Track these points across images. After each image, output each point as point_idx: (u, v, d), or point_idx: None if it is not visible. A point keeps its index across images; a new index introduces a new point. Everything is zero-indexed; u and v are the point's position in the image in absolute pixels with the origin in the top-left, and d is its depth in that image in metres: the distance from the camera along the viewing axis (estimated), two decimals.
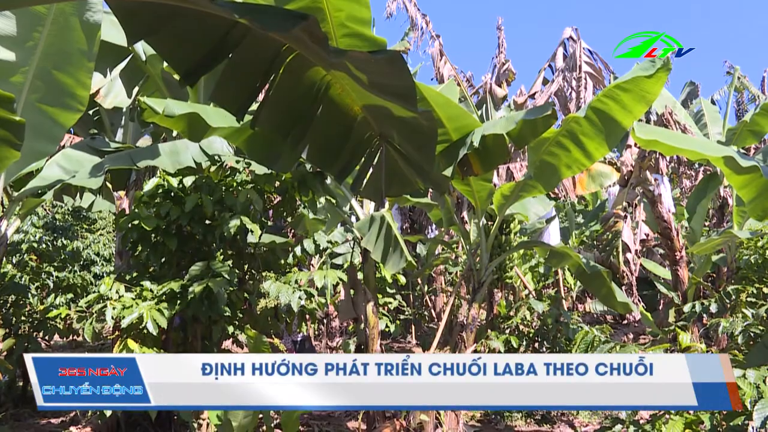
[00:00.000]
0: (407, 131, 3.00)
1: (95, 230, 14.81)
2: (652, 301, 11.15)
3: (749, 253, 9.31)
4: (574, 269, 6.77)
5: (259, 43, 2.54)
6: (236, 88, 2.79)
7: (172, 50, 2.53)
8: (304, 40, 2.27)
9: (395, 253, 5.77)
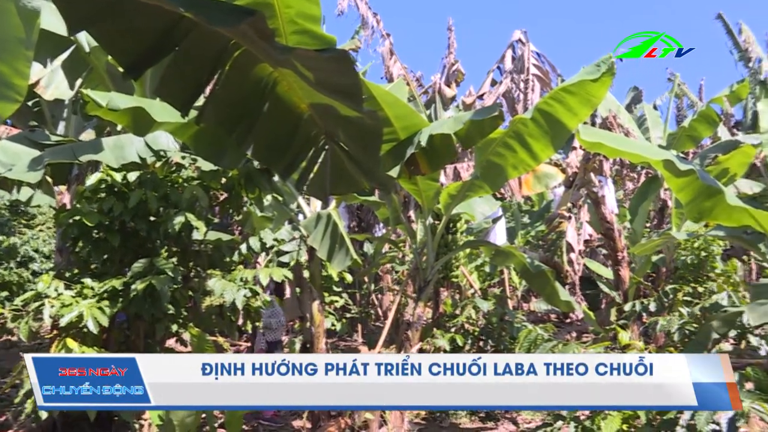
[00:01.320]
0: (352, 130, 3.00)
1: (34, 226, 14.38)
2: (594, 300, 11.38)
3: (686, 253, 9.60)
4: (519, 268, 6.86)
5: (206, 37, 2.51)
6: (181, 82, 2.75)
7: (114, 42, 2.48)
8: (250, 36, 2.25)
9: (341, 251, 5.76)
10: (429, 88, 8.82)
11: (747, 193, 11.46)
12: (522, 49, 8.41)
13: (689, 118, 11.72)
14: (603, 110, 9.32)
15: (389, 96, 5.56)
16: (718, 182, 5.50)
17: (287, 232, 9.29)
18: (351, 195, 6.93)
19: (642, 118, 13.23)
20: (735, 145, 10.13)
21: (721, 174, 9.66)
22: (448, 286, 8.58)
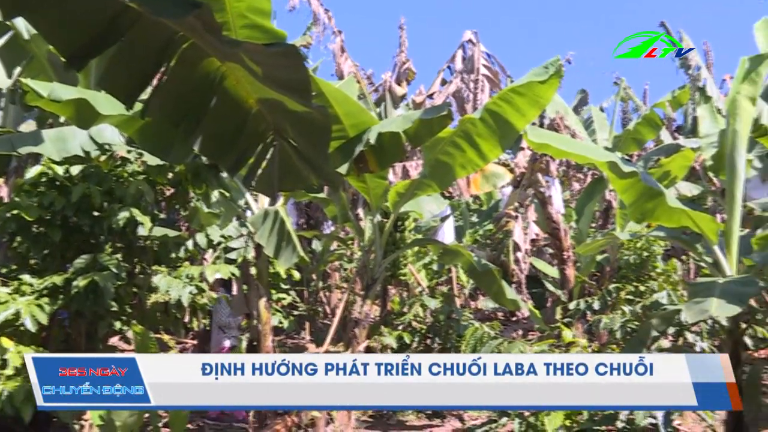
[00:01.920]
0: (301, 126, 2.98)
1: None
2: (540, 299, 11.55)
3: (629, 253, 9.83)
4: (466, 267, 6.93)
5: (151, 29, 2.45)
6: (126, 75, 2.68)
7: (54, 31, 2.40)
8: (197, 28, 2.22)
9: (288, 249, 5.74)
10: (379, 86, 8.84)
11: (687, 195, 11.79)
12: (472, 50, 8.49)
13: (634, 121, 12.00)
14: (551, 111, 9.47)
15: (339, 93, 5.56)
16: (660, 184, 5.65)
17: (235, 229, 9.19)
18: (300, 192, 6.90)
19: (589, 120, 13.49)
20: (676, 148, 10.41)
21: (662, 176, 9.91)
22: (396, 284, 8.61)
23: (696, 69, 10.08)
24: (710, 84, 10.08)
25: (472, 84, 7.84)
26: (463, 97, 7.88)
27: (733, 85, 6.12)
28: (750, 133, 8.06)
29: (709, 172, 10.65)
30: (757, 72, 5.89)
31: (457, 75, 8.08)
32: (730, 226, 5.85)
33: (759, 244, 5.81)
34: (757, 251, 5.86)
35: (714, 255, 5.92)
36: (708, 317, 4.63)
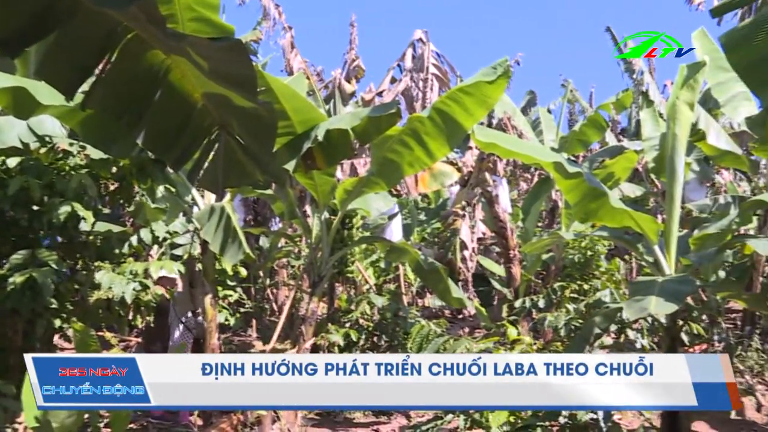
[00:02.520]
0: (247, 121, 2.95)
1: None
2: (487, 297, 11.66)
3: (574, 252, 10.02)
4: (413, 265, 6.96)
5: (93, 17, 2.39)
6: (65, 64, 2.61)
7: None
8: (140, 19, 2.17)
9: (233, 245, 5.68)
10: (329, 83, 8.83)
11: (630, 196, 12.07)
12: (423, 49, 8.54)
13: (580, 122, 12.23)
14: (499, 112, 9.59)
15: (287, 89, 5.53)
16: (604, 185, 5.76)
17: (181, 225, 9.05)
18: (247, 188, 6.84)
19: (536, 121, 13.70)
20: (620, 150, 10.65)
21: (607, 177, 10.13)
22: (343, 282, 8.60)
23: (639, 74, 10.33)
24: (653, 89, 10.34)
25: (422, 83, 7.89)
26: (412, 96, 7.92)
27: (673, 90, 6.29)
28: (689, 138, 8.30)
29: (651, 174, 10.94)
30: (695, 79, 6.06)
31: (407, 73, 8.11)
32: (669, 227, 6.00)
33: (696, 245, 5.98)
34: (694, 251, 6.04)
35: (654, 254, 6.07)
36: (647, 315, 4.75)
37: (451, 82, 8.38)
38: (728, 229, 5.82)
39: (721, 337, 8.44)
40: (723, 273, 9.29)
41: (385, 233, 8.77)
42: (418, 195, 12.02)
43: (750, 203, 5.72)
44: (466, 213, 8.84)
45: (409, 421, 7.16)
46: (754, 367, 8.64)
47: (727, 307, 11.60)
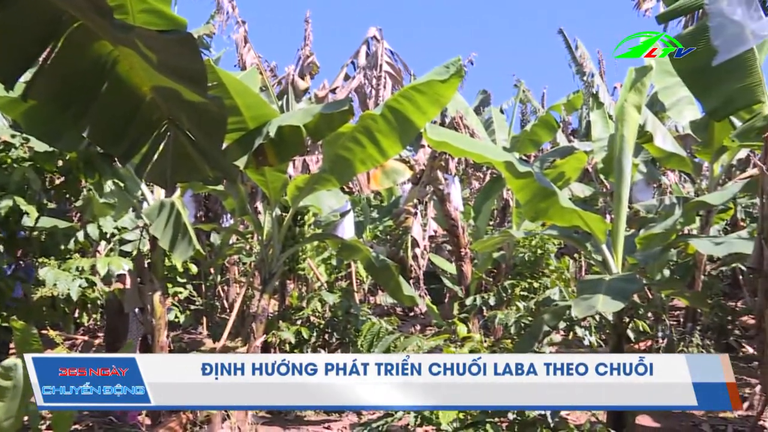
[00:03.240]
0: (196, 116, 2.91)
1: None
2: (438, 295, 11.73)
3: (524, 251, 10.14)
4: (365, 262, 6.96)
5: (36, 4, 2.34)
6: (5, 52, 2.54)
7: None
8: (85, 9, 2.13)
9: (183, 241, 5.61)
10: (282, 79, 8.74)
11: (580, 196, 12.28)
12: (376, 46, 8.54)
13: (532, 123, 12.38)
14: (453, 111, 9.65)
15: (240, 84, 5.48)
16: (554, 185, 5.84)
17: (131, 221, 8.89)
18: (198, 184, 6.75)
19: (489, 121, 13.82)
20: (571, 150, 10.81)
21: (557, 177, 10.28)
22: (294, 279, 8.55)
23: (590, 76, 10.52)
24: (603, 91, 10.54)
25: (375, 80, 7.89)
26: (365, 93, 7.91)
27: (621, 93, 6.41)
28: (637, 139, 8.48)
29: (601, 174, 11.18)
30: (642, 82, 6.18)
31: (361, 71, 8.10)
32: (616, 227, 6.12)
33: (642, 244, 6.11)
34: (640, 250, 6.17)
35: (602, 253, 6.18)
36: (595, 312, 4.84)
37: (405, 80, 8.40)
38: (673, 229, 5.97)
39: (665, 334, 8.65)
40: (667, 271, 9.50)
41: (337, 230, 8.75)
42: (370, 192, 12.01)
43: (693, 204, 5.87)
44: (417, 211, 8.88)
45: (359, 418, 7.16)
46: None
47: (671, 304, 11.90)
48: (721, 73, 5.41)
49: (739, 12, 4.45)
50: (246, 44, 8.67)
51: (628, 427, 5.82)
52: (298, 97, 8.20)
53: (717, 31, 4.58)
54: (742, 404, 7.48)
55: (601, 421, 6.14)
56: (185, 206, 6.78)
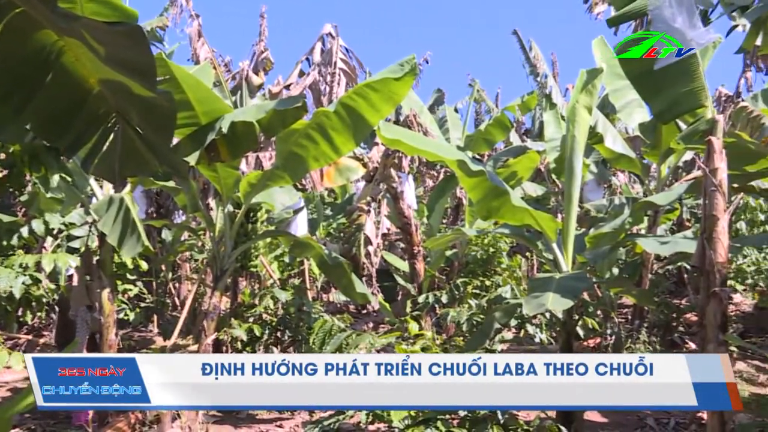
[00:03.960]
0: (145, 110, 2.86)
1: None
2: (391, 292, 11.74)
3: (477, 249, 10.23)
4: (317, 260, 6.94)
5: None
6: None
7: None
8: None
9: (132, 237, 5.51)
10: (236, 74, 8.66)
11: (532, 195, 12.44)
12: (332, 43, 8.50)
13: (485, 122, 12.50)
14: (407, 109, 9.67)
15: (192, 79, 5.40)
16: (506, 184, 5.91)
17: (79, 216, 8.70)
18: (148, 179, 6.64)
19: (443, 120, 13.90)
20: (523, 150, 10.95)
21: (510, 176, 10.40)
22: (246, 276, 8.47)
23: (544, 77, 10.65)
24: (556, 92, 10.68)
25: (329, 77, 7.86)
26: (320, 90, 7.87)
27: (572, 94, 6.51)
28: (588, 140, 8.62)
29: (552, 174, 11.33)
30: (593, 84, 6.29)
31: (315, 67, 8.06)
32: (567, 226, 6.21)
33: (591, 243, 6.22)
34: (590, 249, 6.27)
35: (553, 252, 6.27)
36: (545, 310, 4.91)
37: (360, 77, 8.38)
38: (621, 229, 6.08)
39: (613, 331, 8.82)
40: (616, 270, 9.69)
41: (290, 228, 8.70)
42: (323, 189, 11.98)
43: (640, 204, 5.99)
44: (371, 209, 8.88)
45: (311, 416, 7.14)
46: None
47: (620, 302, 12.14)
48: (668, 78, 5.53)
49: (679, 20, 4.56)
50: (200, 38, 8.55)
51: (576, 422, 5.93)
52: (252, 92, 8.13)
53: None
54: None
55: (551, 417, 6.24)
56: (135, 202, 6.66)
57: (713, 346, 4.21)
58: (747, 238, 7.15)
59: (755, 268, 9.87)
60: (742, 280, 9.97)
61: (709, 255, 4.31)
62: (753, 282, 10.07)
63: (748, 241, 6.73)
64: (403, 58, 5.60)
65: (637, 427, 7.02)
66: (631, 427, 7.02)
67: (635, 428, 7.00)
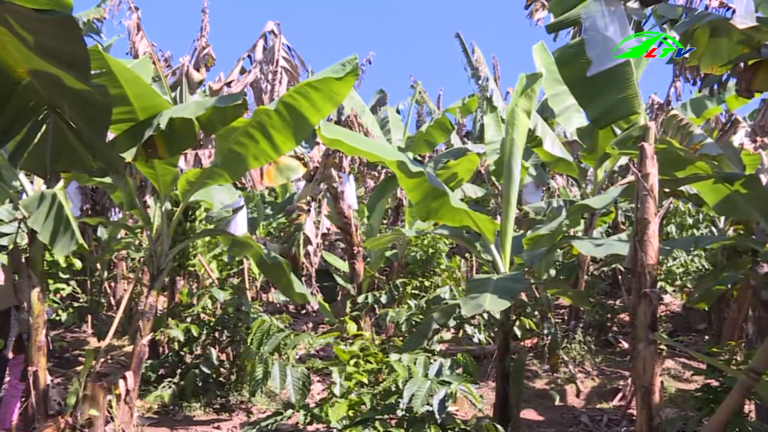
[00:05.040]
0: (79, 104, 2.78)
1: None
2: (331, 292, 11.73)
3: (416, 250, 10.30)
4: (256, 259, 6.88)
5: None
6: None
7: None
8: None
9: (65, 235, 5.34)
10: (177, 69, 8.50)
11: (472, 196, 12.59)
12: (274, 41, 8.42)
13: (427, 124, 12.61)
14: (349, 109, 9.68)
15: (130, 73, 5.28)
16: (445, 185, 5.96)
17: (7, 212, 8.40)
18: (83, 175, 6.47)
19: (385, 120, 13.97)
20: (464, 152, 11.08)
21: (450, 178, 10.51)
22: (184, 275, 8.33)
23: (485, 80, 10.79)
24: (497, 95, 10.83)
25: (271, 75, 7.79)
26: (261, 88, 7.79)
27: (512, 98, 6.61)
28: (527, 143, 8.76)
29: (492, 176, 11.50)
30: (533, 89, 6.41)
31: (257, 65, 7.97)
32: (505, 227, 6.31)
33: (529, 244, 6.33)
34: (527, 251, 6.38)
35: (491, 253, 6.35)
36: (482, 311, 4.97)
37: (302, 77, 8.33)
38: (558, 231, 6.21)
39: (550, 332, 8.99)
40: (553, 271, 9.89)
41: (229, 227, 8.59)
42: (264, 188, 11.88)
43: (576, 207, 6.13)
44: (311, 208, 8.84)
45: (248, 417, 7.07)
46: (577, 357, 9.30)
47: (557, 303, 12.39)
48: (603, 85, 5.68)
49: (611, 29, 4.68)
50: (139, 32, 8.37)
51: (513, 420, 6.03)
52: (192, 89, 7.99)
53: (591, 44, 4.81)
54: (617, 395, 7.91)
55: (488, 416, 6.33)
56: (69, 198, 6.48)
57: (643, 345, 4.34)
58: (676, 241, 7.38)
59: (684, 270, 10.21)
60: (672, 282, 10.30)
61: (640, 257, 4.44)
62: (682, 283, 10.41)
63: (678, 243, 6.93)
64: (345, 58, 5.60)
65: (571, 425, 7.17)
66: (566, 425, 7.17)
67: (570, 425, 7.16)
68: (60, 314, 9.01)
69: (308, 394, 5.06)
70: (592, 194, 9.85)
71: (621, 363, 9.43)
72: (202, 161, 6.54)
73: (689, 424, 4.98)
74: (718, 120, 10.25)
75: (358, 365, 5.12)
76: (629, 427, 6.93)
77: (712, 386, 5.24)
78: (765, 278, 5.59)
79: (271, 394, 7.60)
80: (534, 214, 10.47)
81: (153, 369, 7.30)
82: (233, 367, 7.55)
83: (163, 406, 7.17)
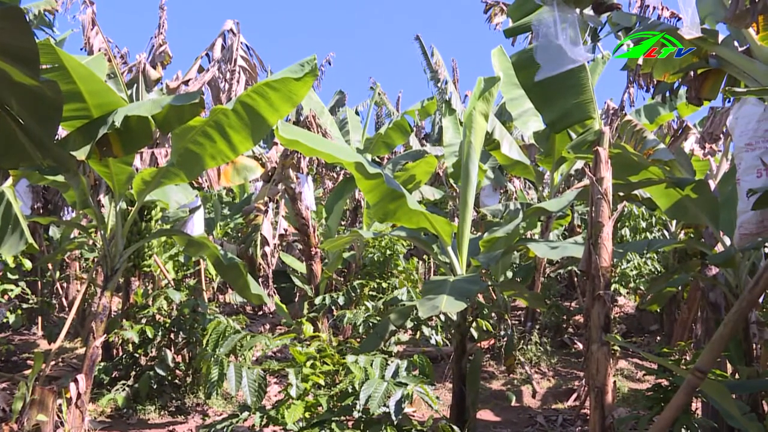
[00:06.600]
0: (27, 100, 2.72)
1: None
2: (288, 294, 11.67)
3: (374, 251, 10.30)
4: (213, 260, 6.81)
5: None
6: None
7: None
8: None
9: (14, 234, 5.22)
10: (133, 66, 8.36)
11: (430, 198, 12.65)
12: (233, 40, 8.34)
13: (386, 125, 12.65)
14: (307, 109, 9.64)
15: (84, 69, 5.18)
16: (403, 187, 5.98)
17: None
18: (34, 173, 6.33)
19: (344, 121, 13.96)
20: (422, 154, 11.13)
21: (408, 179, 10.54)
22: (139, 276, 8.20)
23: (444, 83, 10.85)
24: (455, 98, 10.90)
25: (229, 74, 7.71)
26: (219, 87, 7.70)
27: (470, 101, 6.66)
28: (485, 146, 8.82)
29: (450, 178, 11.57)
30: (491, 92, 6.46)
31: (215, 64, 7.88)
32: (462, 230, 6.35)
33: (485, 246, 6.38)
34: (484, 253, 6.43)
35: (448, 255, 6.39)
36: (439, 312, 4.99)
37: (260, 76, 8.26)
38: (515, 233, 6.26)
39: (506, 333, 9.08)
40: (510, 273, 9.98)
41: (186, 227, 8.48)
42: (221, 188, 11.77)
43: (532, 210, 6.19)
44: (268, 209, 8.78)
45: (204, 420, 6.98)
46: (533, 358, 9.41)
47: (514, 304, 12.54)
48: (559, 89, 5.77)
49: (560, 37, 4.75)
50: (94, 27, 8.20)
51: (469, 421, 6.06)
52: (149, 86, 7.87)
53: (541, 49, 4.88)
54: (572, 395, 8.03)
55: (444, 417, 6.36)
56: (19, 197, 6.34)
57: (597, 346, 4.40)
58: (630, 244, 7.50)
59: (637, 273, 10.40)
60: (626, 284, 10.49)
61: (594, 260, 4.50)
62: (635, 285, 10.61)
63: (631, 246, 7.06)
64: (304, 59, 5.58)
65: (527, 425, 7.25)
66: (522, 425, 7.25)
67: (526, 426, 7.23)
68: (8, 316, 8.78)
69: (264, 396, 5.00)
70: (549, 197, 9.98)
71: (576, 364, 9.59)
72: (158, 160, 6.44)
73: (640, 423, 5.07)
74: (670, 126, 10.48)
75: (315, 367, 5.09)
76: (583, 427, 7.03)
77: (662, 386, 5.34)
78: (713, 280, 5.72)
79: (228, 396, 7.53)
80: (491, 216, 10.56)
81: (106, 371, 7.17)
82: (189, 369, 7.46)
83: (117, 410, 7.04)
